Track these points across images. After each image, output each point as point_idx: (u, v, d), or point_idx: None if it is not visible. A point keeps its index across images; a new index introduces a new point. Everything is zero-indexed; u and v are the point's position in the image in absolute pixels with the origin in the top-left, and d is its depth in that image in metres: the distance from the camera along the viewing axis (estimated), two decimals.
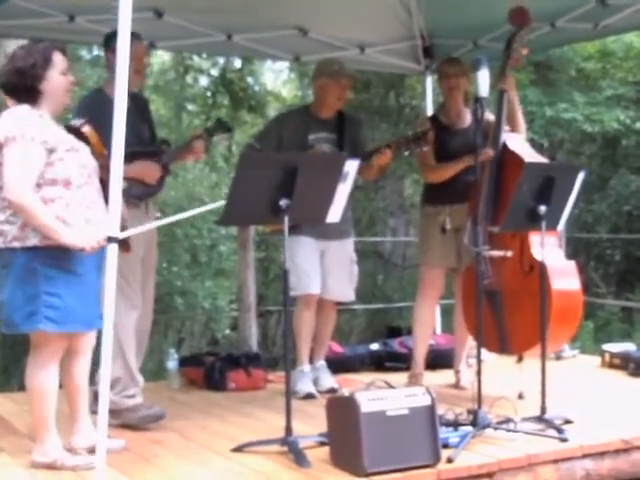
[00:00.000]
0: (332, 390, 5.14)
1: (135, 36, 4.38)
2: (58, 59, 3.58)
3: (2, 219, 3.49)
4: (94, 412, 4.32)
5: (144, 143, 4.56)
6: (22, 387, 6.70)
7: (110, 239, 3.33)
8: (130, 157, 3.66)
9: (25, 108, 3.53)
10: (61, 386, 3.73)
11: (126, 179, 3.64)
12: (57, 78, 3.57)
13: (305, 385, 5.10)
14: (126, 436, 4.10)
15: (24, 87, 3.52)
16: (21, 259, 3.45)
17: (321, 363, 5.40)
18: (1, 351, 8.09)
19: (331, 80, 5.13)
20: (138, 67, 4.43)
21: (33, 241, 3.43)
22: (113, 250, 3.33)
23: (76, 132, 3.73)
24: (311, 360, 5.35)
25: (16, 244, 3.45)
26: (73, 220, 3.47)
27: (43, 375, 3.58)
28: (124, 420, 4.33)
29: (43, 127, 3.48)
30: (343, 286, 5.32)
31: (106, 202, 3.49)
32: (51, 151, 3.46)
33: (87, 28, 5.45)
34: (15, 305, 3.49)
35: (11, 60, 3.59)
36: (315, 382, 5.27)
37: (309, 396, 5.03)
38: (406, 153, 4.95)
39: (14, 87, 3.55)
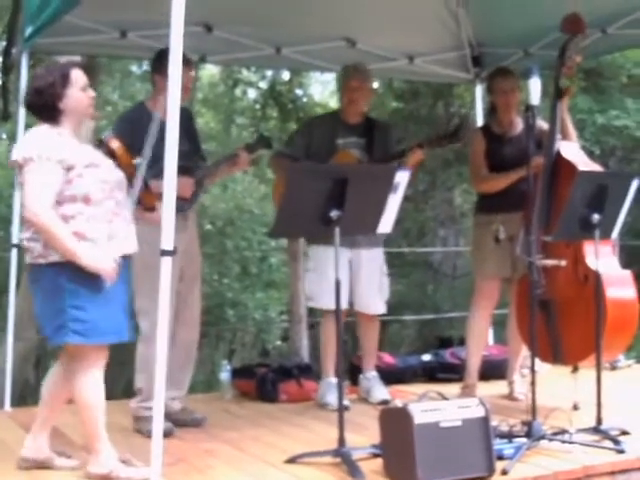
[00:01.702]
0: (384, 402, 5.08)
1: (188, 62, 4.47)
2: (77, 76, 3.62)
3: (28, 236, 3.56)
4: (138, 431, 4.43)
5: (182, 157, 4.59)
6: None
7: (164, 252, 3.37)
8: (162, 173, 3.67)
9: (43, 128, 3.59)
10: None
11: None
12: (77, 95, 3.61)
13: (335, 397, 5.07)
14: (180, 447, 4.13)
15: (45, 106, 3.57)
16: (47, 274, 3.52)
17: (373, 374, 5.39)
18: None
19: (345, 85, 5.22)
20: (185, 85, 4.48)
21: (55, 257, 3.48)
22: (167, 263, 3.36)
23: (104, 145, 3.78)
24: (362, 371, 5.34)
25: (41, 260, 3.52)
26: (95, 236, 3.51)
27: (85, 387, 3.62)
28: (139, 427, 4.45)
29: (61, 145, 3.52)
30: (372, 298, 5.24)
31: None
32: (69, 169, 3.50)
33: (138, 44, 5.53)
34: (46, 319, 3.58)
35: (32, 81, 3.67)
36: (367, 393, 5.26)
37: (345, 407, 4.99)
38: (438, 150, 4.93)
39: (35, 107, 3.61)
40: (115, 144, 3.78)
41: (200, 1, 3.84)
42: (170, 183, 3.40)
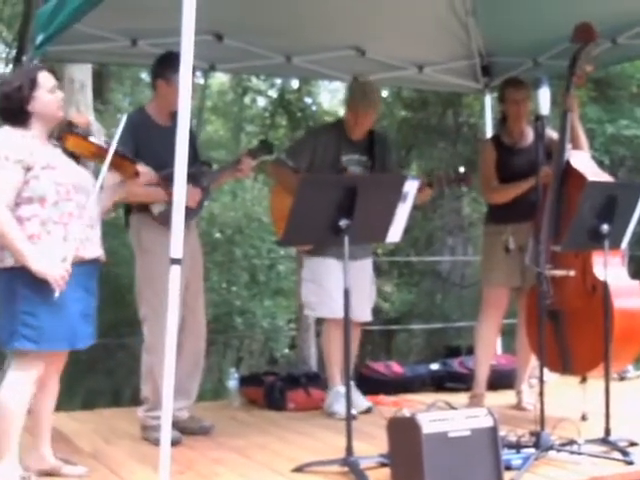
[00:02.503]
0: (369, 410, 5.14)
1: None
2: (44, 78, 3.62)
3: None
4: (146, 439, 4.43)
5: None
6: (85, 405, 6.82)
7: (173, 261, 3.37)
8: (171, 179, 3.67)
9: (5, 130, 3.58)
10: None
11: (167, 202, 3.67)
12: (45, 97, 3.60)
13: (343, 405, 5.06)
14: (187, 455, 4.13)
15: (13, 110, 3.56)
16: (2, 278, 3.52)
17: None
18: (63, 370, 8.22)
19: (350, 109, 5.18)
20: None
21: (10, 261, 3.47)
22: (176, 271, 3.37)
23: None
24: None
25: None
26: (49, 238, 3.50)
27: (10, 393, 3.55)
28: (147, 436, 4.44)
29: (21, 146, 3.51)
30: (362, 306, 5.25)
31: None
32: (27, 169, 3.49)
33: (149, 52, 5.53)
34: (1, 324, 3.55)
35: (1, 87, 3.63)
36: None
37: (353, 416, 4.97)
38: (446, 191, 4.96)
39: (4, 112, 3.60)
40: (69, 142, 3.71)
41: (210, 10, 3.86)
42: (180, 190, 3.40)
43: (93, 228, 3.65)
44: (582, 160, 4.88)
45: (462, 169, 4.92)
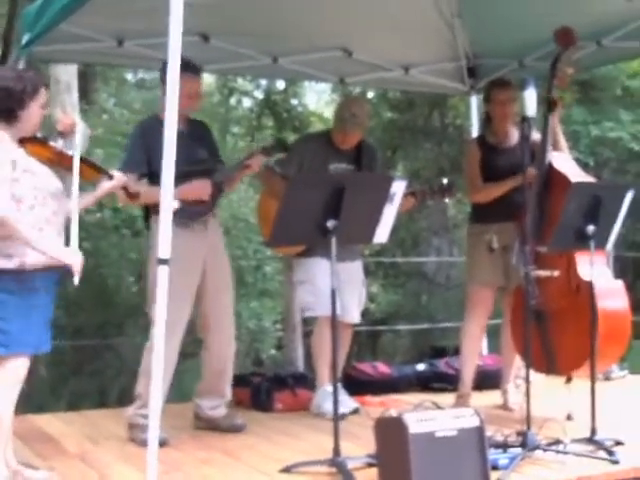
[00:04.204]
0: (356, 410, 5.13)
1: (195, 70, 4.48)
2: (42, 93, 3.64)
3: None
4: (132, 440, 4.41)
5: (200, 163, 4.60)
6: (71, 407, 6.79)
7: (160, 261, 3.37)
8: (179, 179, 3.68)
9: None
10: None
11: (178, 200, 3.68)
12: (36, 110, 3.62)
13: (330, 406, 5.05)
14: (174, 456, 4.13)
15: (6, 107, 3.55)
16: None
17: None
18: (49, 371, 8.20)
19: (339, 127, 5.19)
20: (194, 93, 4.53)
21: None
22: (164, 272, 3.37)
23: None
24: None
25: None
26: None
27: None
28: (134, 436, 4.40)
29: (11, 147, 3.53)
30: (351, 307, 5.29)
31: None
32: (13, 169, 3.49)
33: (135, 52, 5.53)
34: None
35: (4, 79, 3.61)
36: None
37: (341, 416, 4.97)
38: (430, 202, 4.97)
39: None
40: (28, 148, 3.68)
41: (197, 11, 3.86)
42: (167, 191, 3.40)
43: (60, 235, 3.66)
44: (564, 162, 4.91)
45: (445, 180, 4.93)
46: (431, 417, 3.53)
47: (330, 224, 3.74)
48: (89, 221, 8.39)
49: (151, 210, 4.49)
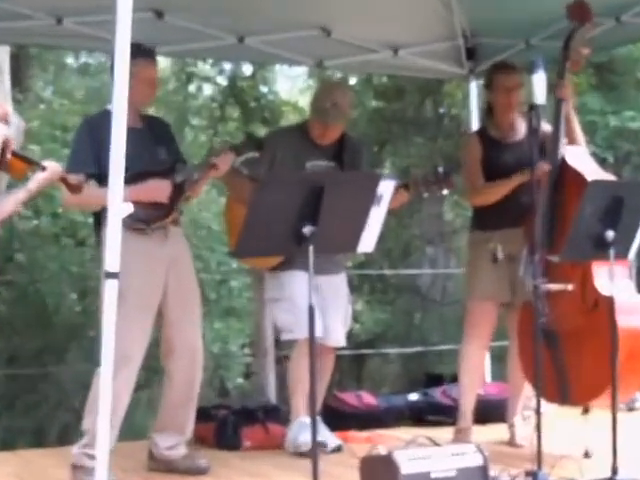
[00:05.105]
0: (338, 448, 5.13)
1: (149, 53, 4.48)
2: None
3: None
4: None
5: (159, 164, 4.60)
6: (4, 445, 6.74)
7: (108, 274, 3.36)
8: (134, 179, 3.68)
9: None
10: None
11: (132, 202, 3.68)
12: None
13: (308, 437, 5.05)
14: None
15: None
16: None
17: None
18: None
19: (318, 119, 5.19)
20: (151, 81, 4.53)
21: None
22: (112, 287, 3.36)
23: None
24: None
25: None
26: None
27: None
28: None
29: None
30: (336, 328, 5.28)
31: None
32: None
33: (76, 31, 5.52)
34: None
35: None
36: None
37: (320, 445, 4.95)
38: (425, 195, 4.96)
39: None
40: None
41: None
42: (116, 192, 3.39)
43: None
44: (579, 157, 4.93)
45: (441, 169, 4.93)
46: (426, 455, 3.54)
47: (307, 230, 3.73)
48: (23, 229, 8.35)
49: (102, 217, 4.47)
